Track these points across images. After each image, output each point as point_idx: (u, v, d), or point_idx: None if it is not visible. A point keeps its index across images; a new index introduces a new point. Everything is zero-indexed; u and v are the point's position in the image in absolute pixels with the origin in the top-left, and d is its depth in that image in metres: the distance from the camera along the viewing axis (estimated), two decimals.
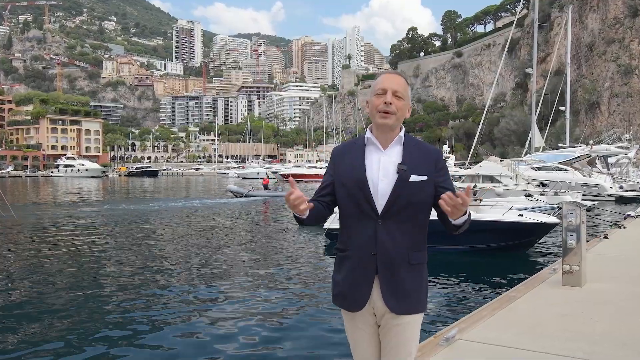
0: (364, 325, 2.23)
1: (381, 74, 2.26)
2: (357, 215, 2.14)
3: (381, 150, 2.17)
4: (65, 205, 28.40)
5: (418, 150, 2.18)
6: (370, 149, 2.20)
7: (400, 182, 2.10)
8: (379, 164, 2.15)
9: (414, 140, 2.22)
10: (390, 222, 2.11)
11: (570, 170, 29.46)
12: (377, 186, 2.12)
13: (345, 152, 2.24)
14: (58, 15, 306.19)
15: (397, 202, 2.10)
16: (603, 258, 7.24)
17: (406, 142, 2.19)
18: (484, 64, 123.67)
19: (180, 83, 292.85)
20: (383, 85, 2.17)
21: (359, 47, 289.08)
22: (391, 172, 2.12)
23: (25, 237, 15.24)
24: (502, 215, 11.34)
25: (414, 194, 2.11)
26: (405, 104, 2.18)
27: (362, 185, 2.12)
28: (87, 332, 6.38)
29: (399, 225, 2.11)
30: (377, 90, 2.18)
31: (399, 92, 2.16)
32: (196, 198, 35.22)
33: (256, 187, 36.36)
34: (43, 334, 6.34)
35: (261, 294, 8.27)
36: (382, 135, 2.19)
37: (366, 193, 2.12)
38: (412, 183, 2.11)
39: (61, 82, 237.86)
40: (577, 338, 3.89)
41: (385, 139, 2.19)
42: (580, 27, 76.37)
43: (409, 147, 2.17)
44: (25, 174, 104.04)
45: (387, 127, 2.16)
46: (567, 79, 40.44)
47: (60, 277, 9.63)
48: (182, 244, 13.89)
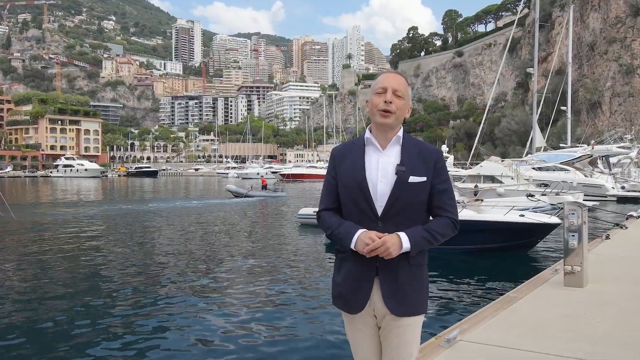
0: (364, 327, 2.23)
1: (382, 73, 2.26)
2: (357, 216, 2.14)
3: (380, 150, 2.17)
4: (64, 206, 28.41)
5: (418, 150, 2.17)
6: (369, 149, 2.19)
7: (399, 184, 2.09)
8: (377, 165, 2.14)
9: (413, 140, 2.21)
10: (390, 223, 2.10)
11: (572, 170, 29.45)
12: (376, 187, 2.11)
13: (345, 152, 2.24)
14: (57, 15, 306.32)
15: (397, 203, 2.09)
16: (605, 258, 7.24)
17: (405, 142, 2.18)
18: (485, 64, 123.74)
19: (180, 83, 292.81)
20: (383, 84, 2.17)
21: (360, 47, 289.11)
22: (390, 173, 2.11)
23: (24, 238, 15.24)
24: (504, 216, 11.34)
25: (413, 195, 2.10)
26: (405, 103, 2.18)
27: (361, 186, 2.12)
28: (85, 332, 6.38)
29: (398, 226, 2.09)
30: (377, 89, 2.18)
31: (399, 91, 2.15)
32: (195, 198, 35.22)
33: (255, 187, 36.33)
34: (41, 334, 6.34)
35: (261, 295, 8.27)
36: (381, 134, 2.18)
37: (366, 194, 2.11)
38: (411, 184, 2.10)
39: (60, 81, 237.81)
40: (579, 339, 3.89)
41: (384, 138, 2.18)
42: (582, 27, 76.39)
43: (408, 147, 2.17)
44: (24, 174, 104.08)
45: (387, 127, 2.16)
46: (568, 79, 40.46)
47: (59, 277, 9.63)
48: (181, 244, 13.88)
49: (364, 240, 2.05)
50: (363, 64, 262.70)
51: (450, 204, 2.17)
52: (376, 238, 2.03)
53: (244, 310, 7.30)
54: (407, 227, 2.10)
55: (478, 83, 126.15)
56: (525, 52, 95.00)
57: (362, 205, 2.12)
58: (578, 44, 64.97)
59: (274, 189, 35.60)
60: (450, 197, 2.18)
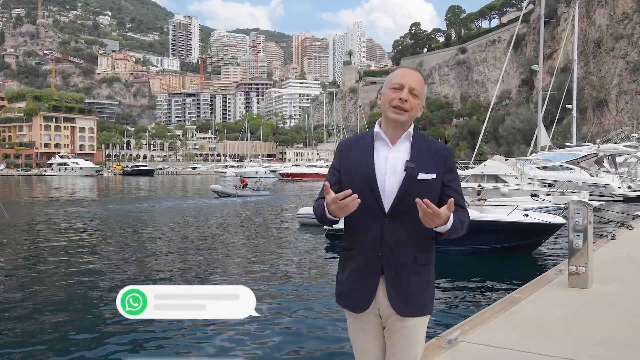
0: (368, 327, 2.22)
1: (400, 68, 2.23)
2: (364, 213, 2.10)
3: (389, 146, 2.16)
4: (59, 205, 28.42)
5: (427, 147, 2.16)
6: (378, 144, 2.18)
7: (408, 180, 2.08)
8: (386, 160, 2.13)
9: (423, 137, 2.20)
10: (397, 221, 2.09)
11: (577, 169, 29.44)
12: (385, 183, 2.10)
13: (352, 146, 2.22)
14: (52, 10, 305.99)
15: (405, 200, 2.07)
16: (610, 259, 7.25)
17: (415, 139, 2.17)
18: (489, 61, 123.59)
19: (177, 79, 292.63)
20: (401, 80, 2.15)
21: (361, 43, 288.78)
22: (399, 169, 2.10)
23: (18, 237, 15.26)
24: (507, 216, 11.34)
25: (421, 192, 2.06)
26: (419, 103, 2.17)
27: (370, 182, 2.10)
28: (80, 332, 6.40)
29: (406, 224, 2.09)
30: (393, 84, 2.16)
31: (416, 90, 2.14)
32: (193, 198, 35.20)
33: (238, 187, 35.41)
34: (35, 334, 6.36)
35: (260, 295, 8.30)
36: (392, 130, 2.17)
37: (373, 189, 2.10)
38: (420, 181, 2.09)
39: (55, 78, 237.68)
40: (583, 340, 3.91)
41: (395, 134, 2.17)
42: (588, 23, 76.35)
43: (417, 144, 2.16)
44: (17, 173, 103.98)
45: (399, 123, 2.15)
46: (574, 76, 40.43)
47: (53, 277, 9.65)
48: (178, 244, 13.90)
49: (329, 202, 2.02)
50: (364, 61, 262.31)
51: (462, 201, 2.16)
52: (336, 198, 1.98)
53: None
54: (414, 226, 2.07)
55: (482, 80, 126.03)
56: (530, 49, 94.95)
57: (370, 200, 2.10)
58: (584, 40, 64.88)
59: (256, 187, 34.90)
60: (460, 194, 2.17)
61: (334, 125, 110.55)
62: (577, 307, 4.82)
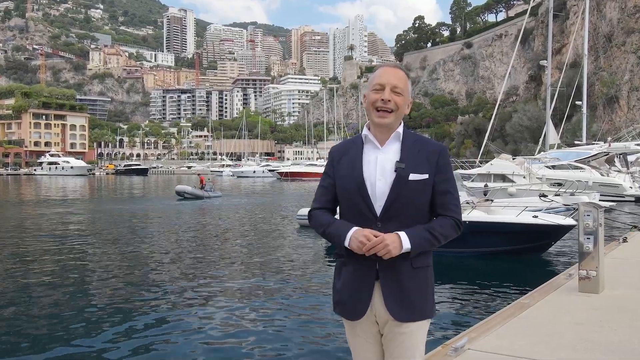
0: (365, 334, 2.24)
1: (379, 67, 2.25)
2: (356, 217, 2.14)
3: (379, 147, 2.18)
4: (48, 206, 28.41)
5: (419, 146, 2.17)
6: (367, 147, 2.20)
7: (399, 181, 2.10)
8: (375, 163, 2.15)
9: (414, 136, 2.21)
10: (390, 224, 2.10)
11: (587, 169, 29.42)
12: (375, 186, 2.11)
13: (343, 151, 2.25)
14: (41, 3, 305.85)
15: (396, 202, 2.09)
16: (622, 263, 7.25)
17: (405, 138, 2.18)
18: (496, 56, 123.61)
19: (172, 75, 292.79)
20: (381, 80, 2.17)
21: (362, 37, 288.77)
22: (389, 170, 2.12)
23: (6, 238, 15.25)
24: (515, 217, 11.33)
25: (414, 194, 2.10)
26: (404, 99, 2.18)
27: (359, 186, 2.13)
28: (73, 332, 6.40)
29: (399, 227, 2.10)
30: (374, 86, 2.18)
31: (399, 87, 2.16)
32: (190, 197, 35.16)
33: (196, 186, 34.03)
34: (27, 334, 6.37)
35: (259, 297, 8.30)
36: (379, 132, 2.20)
37: (364, 194, 2.12)
38: (412, 182, 2.10)
39: (45, 74, 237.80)
40: (594, 348, 3.91)
41: (383, 136, 2.19)
42: (598, 16, 76.30)
43: (408, 143, 2.17)
44: (6, 172, 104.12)
45: (384, 127, 2.18)
46: (584, 72, 40.36)
47: (44, 279, 9.64)
48: (175, 246, 13.89)
49: (359, 238, 2.05)
50: (366, 56, 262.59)
51: (453, 203, 2.17)
52: (372, 236, 2.04)
53: (240, 317, 7.31)
54: (408, 228, 2.10)
55: (488, 76, 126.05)
56: (539, 44, 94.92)
57: (360, 205, 2.13)
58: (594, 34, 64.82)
59: (209, 188, 34.07)
60: (454, 196, 2.18)
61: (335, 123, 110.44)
62: (588, 313, 4.81)
